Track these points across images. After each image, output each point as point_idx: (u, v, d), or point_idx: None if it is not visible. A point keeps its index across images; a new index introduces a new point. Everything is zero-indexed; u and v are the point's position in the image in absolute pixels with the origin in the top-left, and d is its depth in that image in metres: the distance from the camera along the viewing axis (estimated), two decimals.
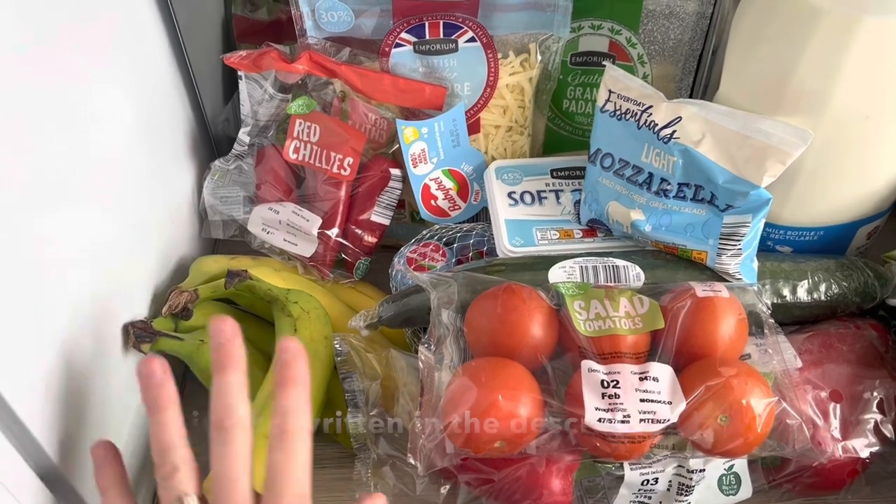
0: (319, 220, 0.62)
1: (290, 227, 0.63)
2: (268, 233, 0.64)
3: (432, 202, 0.65)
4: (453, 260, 0.61)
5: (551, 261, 0.56)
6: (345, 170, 0.61)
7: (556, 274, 0.54)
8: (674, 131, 0.53)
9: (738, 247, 0.53)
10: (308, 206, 0.63)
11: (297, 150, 0.63)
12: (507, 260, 0.57)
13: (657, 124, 0.54)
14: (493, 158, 0.66)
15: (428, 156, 0.63)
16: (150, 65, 0.61)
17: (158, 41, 0.62)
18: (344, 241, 0.63)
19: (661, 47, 0.61)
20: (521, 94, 0.63)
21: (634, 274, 0.55)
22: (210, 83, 0.68)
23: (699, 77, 0.63)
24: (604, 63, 0.59)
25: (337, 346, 0.53)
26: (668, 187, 0.54)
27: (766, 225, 0.57)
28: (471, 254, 0.62)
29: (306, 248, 0.62)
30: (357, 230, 0.63)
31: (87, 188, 0.49)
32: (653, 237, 0.55)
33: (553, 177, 0.64)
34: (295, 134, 0.63)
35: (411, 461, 0.45)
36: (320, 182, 0.63)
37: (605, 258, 0.56)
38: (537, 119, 0.67)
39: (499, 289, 0.50)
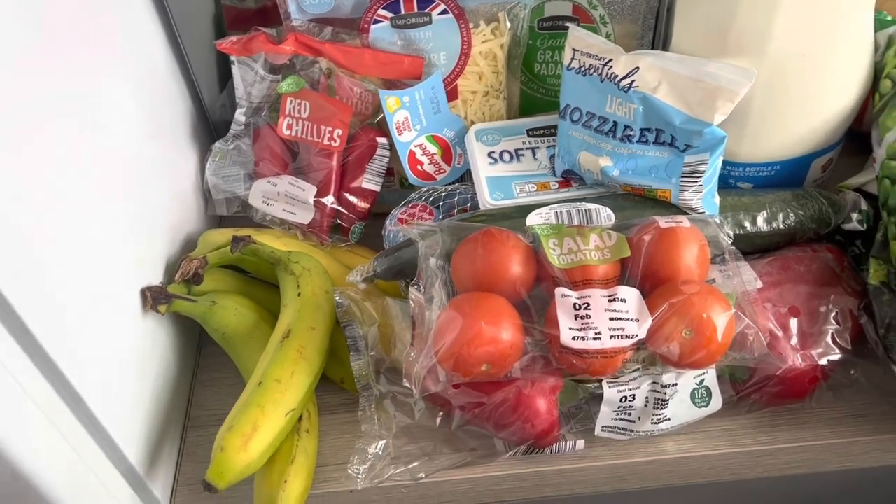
0: (314, 189, 0.67)
1: (288, 198, 0.68)
2: (268, 204, 0.69)
3: (419, 167, 0.70)
4: (440, 217, 0.66)
5: (529, 209, 0.60)
6: (335, 141, 0.66)
7: (533, 220, 0.59)
8: (632, 81, 0.58)
9: (699, 183, 0.58)
10: (304, 178, 0.68)
11: (290, 127, 0.68)
12: (488, 211, 0.62)
13: (617, 76, 0.59)
14: (473, 123, 0.70)
15: (411, 123, 0.68)
16: (150, 59, 0.66)
17: (156, 36, 0.67)
18: (339, 208, 0.68)
19: (621, 7, 0.66)
20: (494, 61, 0.68)
21: (605, 215, 0.59)
22: (206, 73, 0.73)
23: (658, 32, 0.67)
24: (567, 26, 0.63)
25: (337, 298, 0.58)
26: (632, 133, 0.59)
27: (725, 163, 0.62)
28: (456, 210, 0.67)
29: (304, 216, 0.67)
30: (350, 197, 0.68)
31: (104, 177, 0.54)
32: (621, 181, 0.60)
33: (529, 135, 0.68)
34: (287, 111, 0.68)
35: (406, 385, 0.50)
36: (313, 154, 0.68)
37: (579, 203, 0.60)
38: (511, 83, 0.72)
39: (479, 233, 0.55)
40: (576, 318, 0.49)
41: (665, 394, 0.54)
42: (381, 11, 0.65)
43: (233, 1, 0.70)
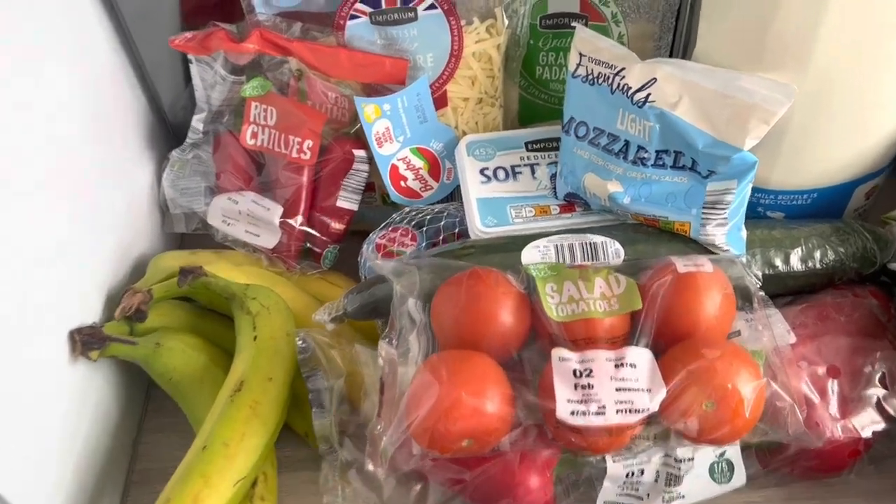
0: (280, 209, 0.58)
1: (251, 218, 0.59)
2: (228, 224, 0.60)
3: (402, 183, 0.62)
4: (424, 244, 0.58)
5: (525, 240, 0.52)
6: (305, 154, 0.58)
7: (529, 254, 0.51)
8: (648, 94, 0.49)
9: (724, 215, 0.49)
10: (269, 195, 0.60)
11: (254, 136, 0.60)
12: (477, 242, 0.53)
13: (631, 87, 0.50)
14: (464, 133, 0.62)
15: (393, 134, 0.59)
16: (93, 52, 0.57)
17: (99, 24, 0.58)
18: (309, 230, 0.59)
19: (636, 4, 0.57)
20: (490, 63, 0.59)
21: (613, 250, 0.51)
22: (164, 68, 0.65)
23: (678, 34, 0.58)
24: (574, 25, 0.55)
25: (300, 342, 0.50)
26: (646, 155, 0.50)
27: (754, 190, 0.53)
28: (443, 236, 0.59)
29: (269, 239, 0.59)
30: (323, 217, 0.60)
31: (27, 183, 0.46)
32: (632, 210, 0.52)
33: (528, 150, 0.60)
34: (251, 118, 0.60)
35: (370, 468, 0.42)
36: (281, 168, 0.59)
37: (583, 234, 0.52)
38: (509, 88, 0.63)
39: (463, 275, 0.46)
40: (576, 388, 0.41)
41: (679, 469, 0.46)
42: (358, 6, 0.56)
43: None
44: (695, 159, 0.49)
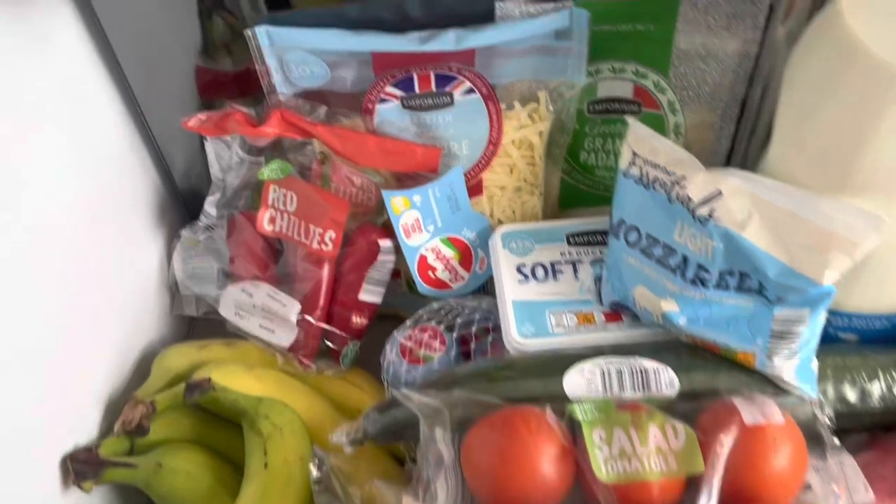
0: (298, 306, 0.53)
1: (266, 312, 0.55)
2: (241, 318, 0.55)
3: (430, 274, 0.56)
4: (454, 351, 0.53)
5: (567, 360, 0.47)
6: (326, 245, 0.53)
7: (573, 381, 0.46)
8: (712, 209, 0.44)
9: (793, 347, 0.44)
10: (287, 287, 0.55)
11: (272, 221, 0.55)
12: (514, 360, 0.48)
13: (692, 200, 0.44)
14: (500, 222, 0.57)
15: (423, 224, 0.54)
16: (94, 119, 0.53)
17: (103, 92, 0.54)
18: (328, 327, 0.54)
19: (697, 92, 0.52)
20: (531, 150, 0.54)
21: (667, 380, 0.46)
22: (177, 140, 0.60)
23: (743, 125, 0.53)
24: (625, 119, 0.49)
25: (314, 472, 0.45)
26: (707, 276, 0.45)
27: (828, 311, 0.48)
28: (474, 338, 0.54)
29: (284, 337, 0.54)
30: (344, 311, 0.55)
31: (23, 269, 0.42)
32: (688, 331, 0.46)
33: (570, 244, 0.55)
34: (270, 202, 0.55)
35: None
36: (300, 258, 0.55)
37: (632, 358, 0.46)
38: (550, 173, 0.58)
39: (499, 416, 0.41)
40: None
41: None
42: (389, 89, 0.51)
43: (207, 61, 0.56)
44: (763, 283, 0.43)
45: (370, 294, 0.55)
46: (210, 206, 0.57)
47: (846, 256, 0.40)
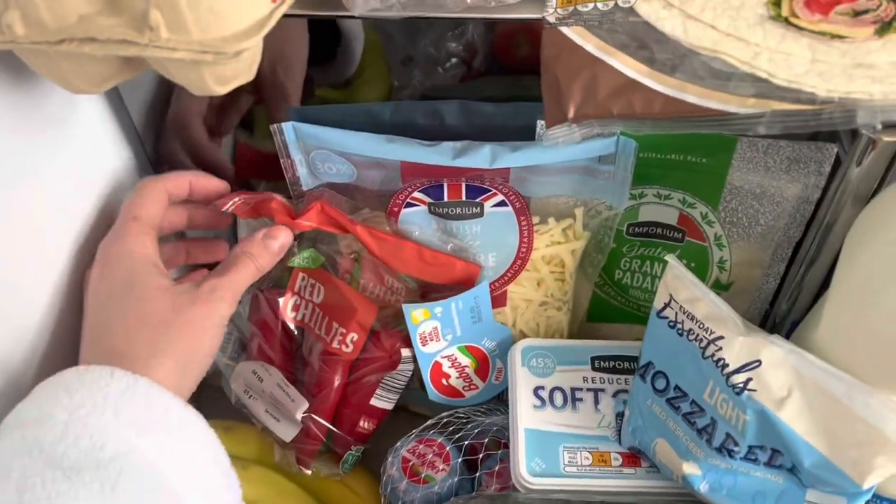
0: (306, 405, 0.51)
1: (274, 400, 0.52)
2: (250, 397, 0.53)
3: (444, 381, 0.54)
4: (457, 476, 0.50)
5: None
6: (347, 346, 0.50)
7: None
8: (749, 379, 0.40)
9: None
10: (300, 376, 0.52)
11: (296, 308, 0.53)
12: (518, 501, 0.45)
13: (727, 365, 0.41)
14: (522, 334, 0.53)
15: (441, 333, 0.51)
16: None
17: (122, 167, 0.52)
18: (333, 429, 0.52)
19: (747, 231, 0.48)
20: (561, 267, 0.51)
21: None
22: None
23: (794, 267, 0.48)
24: (666, 258, 0.45)
25: None
26: (735, 448, 0.41)
27: None
28: (482, 454, 0.51)
29: (287, 431, 0.52)
30: (353, 414, 0.52)
31: None
32: (709, 499, 0.43)
33: (594, 368, 0.51)
34: (296, 289, 0.52)
35: None
36: (317, 351, 0.52)
37: None
38: (581, 286, 0.54)
39: None
40: None
41: None
42: (416, 195, 0.48)
43: (249, 139, 0.54)
44: (796, 465, 0.39)
45: (382, 400, 0.52)
46: None
47: (894, 464, 0.36)
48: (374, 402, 0.52)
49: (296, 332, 0.54)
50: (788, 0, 0.37)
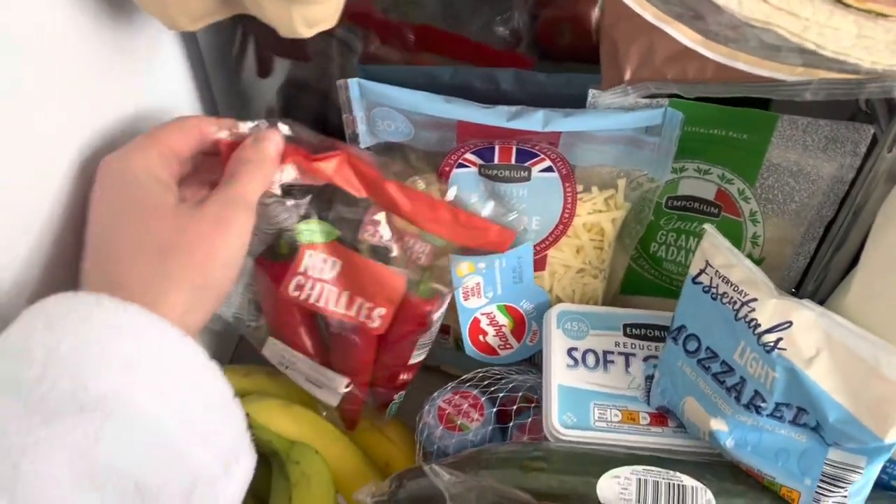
0: (345, 380, 0.52)
1: (311, 377, 0.54)
2: (286, 368, 0.54)
3: (481, 338, 0.56)
4: (491, 426, 0.52)
5: (605, 462, 0.46)
6: (373, 321, 0.50)
7: (607, 486, 0.45)
8: (779, 339, 0.42)
9: (844, 494, 0.42)
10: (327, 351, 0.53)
11: (299, 288, 0.50)
12: (550, 451, 0.47)
13: (760, 325, 0.43)
14: (558, 299, 0.56)
15: (482, 290, 0.54)
16: None
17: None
18: (376, 388, 0.54)
19: (781, 207, 0.50)
20: (601, 235, 0.53)
21: (705, 501, 0.44)
22: None
23: (825, 247, 0.51)
24: (705, 213, 0.48)
25: None
26: (763, 405, 0.43)
27: None
28: (514, 407, 0.53)
29: (329, 397, 0.53)
30: (392, 371, 0.54)
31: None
32: (734, 455, 0.45)
33: (626, 334, 0.54)
34: (301, 269, 0.50)
35: None
36: (338, 328, 0.51)
37: (671, 472, 0.45)
38: (617, 257, 0.57)
39: None
40: None
41: None
42: (468, 155, 0.51)
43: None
44: (820, 423, 0.42)
45: (419, 356, 0.55)
46: None
47: None
48: (412, 360, 0.54)
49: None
50: None
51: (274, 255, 0.51)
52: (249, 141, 0.43)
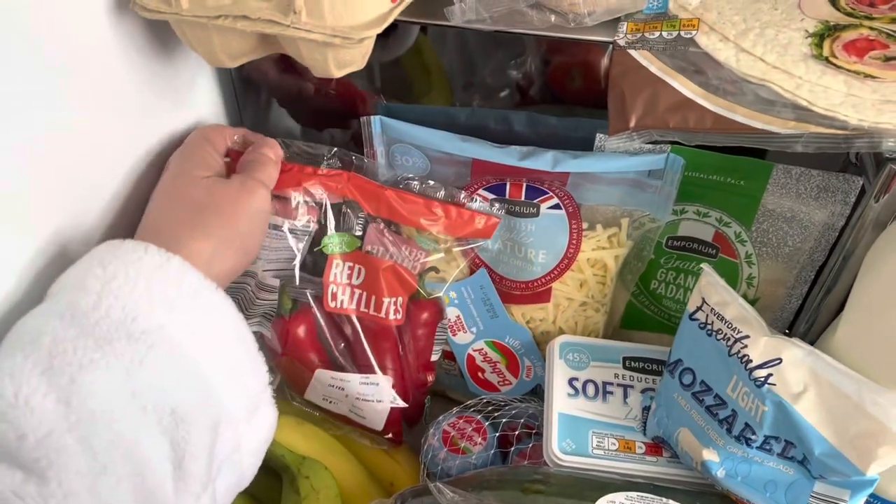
0: (390, 379, 0.54)
1: (357, 400, 0.55)
2: (330, 403, 0.56)
3: (480, 374, 0.59)
4: (493, 450, 0.54)
5: (601, 487, 0.48)
6: (398, 312, 0.54)
7: None
8: (769, 375, 0.45)
9: None
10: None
11: (334, 297, 0.54)
12: (550, 475, 0.49)
13: (751, 361, 0.45)
14: (561, 331, 0.58)
15: (465, 324, 0.57)
16: None
17: None
18: (407, 402, 0.56)
19: (775, 251, 0.53)
20: (604, 271, 0.56)
21: None
22: None
23: (816, 289, 0.53)
24: (703, 253, 0.50)
25: None
26: (753, 437, 0.45)
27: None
28: (517, 433, 0.55)
29: (375, 421, 0.55)
30: (419, 375, 0.57)
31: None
32: (724, 485, 0.47)
33: (625, 367, 0.56)
34: (332, 278, 0.54)
35: None
36: (365, 331, 0.55)
37: (665, 500, 0.47)
38: (619, 293, 0.59)
39: None
40: None
41: None
42: (481, 191, 0.54)
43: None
44: (807, 457, 0.44)
45: (437, 353, 0.57)
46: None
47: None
48: (433, 357, 0.57)
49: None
50: (829, 43, 0.43)
51: (278, 314, 0.54)
52: (250, 149, 0.49)
